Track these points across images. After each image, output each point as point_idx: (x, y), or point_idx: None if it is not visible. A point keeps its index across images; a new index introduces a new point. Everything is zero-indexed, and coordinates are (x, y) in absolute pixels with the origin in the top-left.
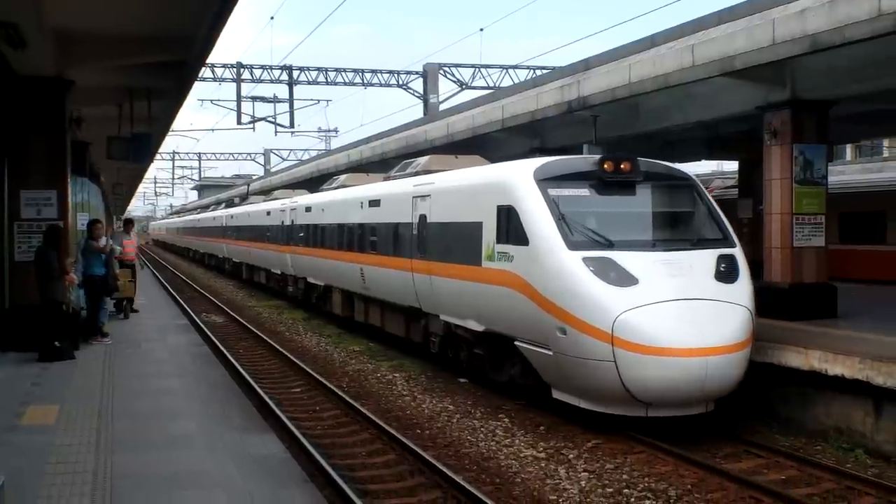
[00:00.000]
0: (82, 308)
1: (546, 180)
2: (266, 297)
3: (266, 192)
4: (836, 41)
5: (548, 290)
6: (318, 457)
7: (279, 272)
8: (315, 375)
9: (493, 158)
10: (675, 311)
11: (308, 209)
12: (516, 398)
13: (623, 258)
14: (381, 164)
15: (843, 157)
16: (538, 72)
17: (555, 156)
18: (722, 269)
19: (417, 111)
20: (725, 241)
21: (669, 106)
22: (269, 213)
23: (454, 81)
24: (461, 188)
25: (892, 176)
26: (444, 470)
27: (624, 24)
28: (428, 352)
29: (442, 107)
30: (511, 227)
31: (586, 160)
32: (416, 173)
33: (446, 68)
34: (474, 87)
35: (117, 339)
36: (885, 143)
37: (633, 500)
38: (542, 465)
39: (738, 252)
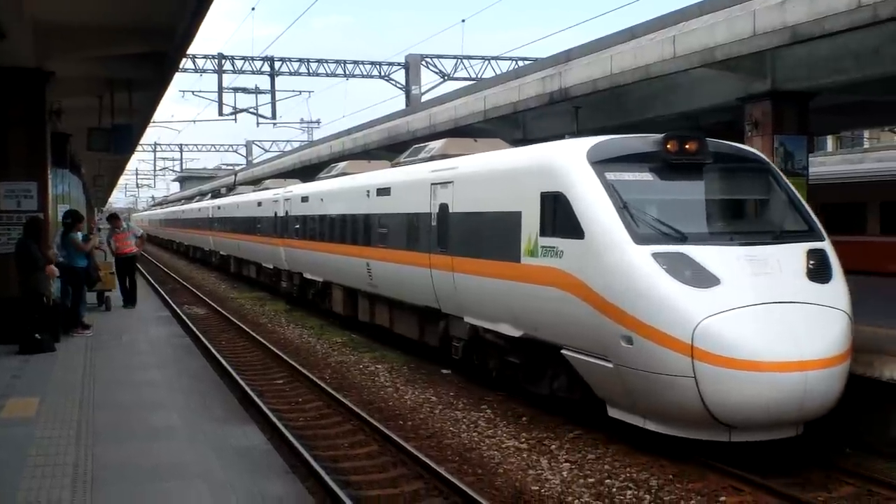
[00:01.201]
0: (62, 300)
1: (601, 163)
2: (248, 289)
3: (255, 182)
4: (815, 32)
5: (609, 292)
6: (300, 448)
7: (271, 266)
8: (297, 367)
9: None
10: (766, 317)
11: (305, 199)
12: (499, 390)
13: (700, 253)
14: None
15: (825, 148)
16: (520, 63)
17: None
18: (812, 266)
19: (399, 102)
20: (812, 234)
21: (651, 97)
22: (260, 204)
23: (436, 72)
24: (493, 173)
25: (872, 167)
26: (427, 461)
27: (606, 15)
28: (447, 358)
29: (424, 98)
30: (560, 217)
31: (645, 140)
32: (431, 158)
33: (428, 59)
34: (456, 78)
35: (98, 332)
36: (866, 134)
37: (614, 490)
38: (525, 455)
39: (827, 246)
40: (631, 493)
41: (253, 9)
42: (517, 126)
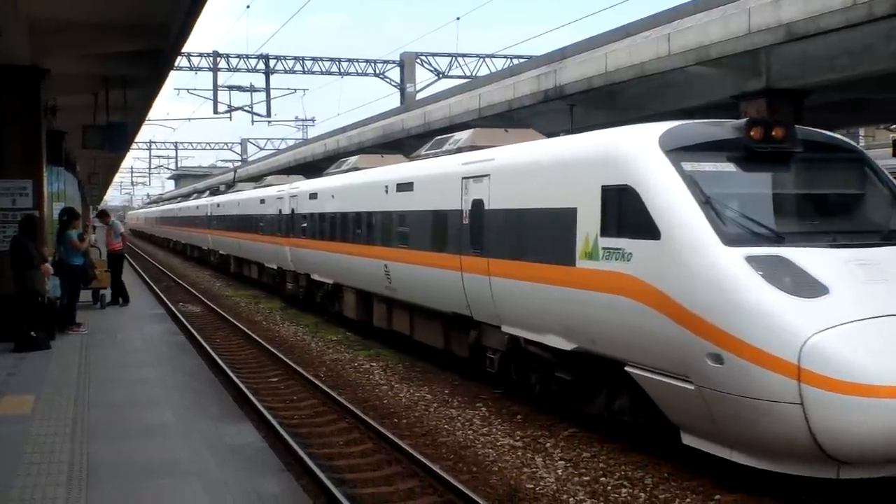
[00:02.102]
0: (57, 298)
1: (677, 151)
2: (243, 287)
3: (256, 179)
4: (810, 30)
5: (692, 302)
6: (294, 446)
7: (275, 267)
8: (292, 365)
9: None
10: (886, 333)
11: (313, 196)
12: (494, 387)
13: (801, 257)
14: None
15: None
16: (515, 61)
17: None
18: None
19: (394, 100)
20: None
21: (646, 95)
22: (263, 201)
23: (431, 70)
24: (540, 165)
25: None
26: (422, 459)
27: (600, 13)
28: (476, 369)
29: (419, 96)
30: (628, 214)
31: (723, 126)
32: (458, 150)
33: (423, 57)
34: (451, 76)
35: (93, 329)
36: (861, 132)
37: (609, 488)
38: (520, 453)
39: None
40: (626, 491)
41: (248, 6)
42: (512, 124)
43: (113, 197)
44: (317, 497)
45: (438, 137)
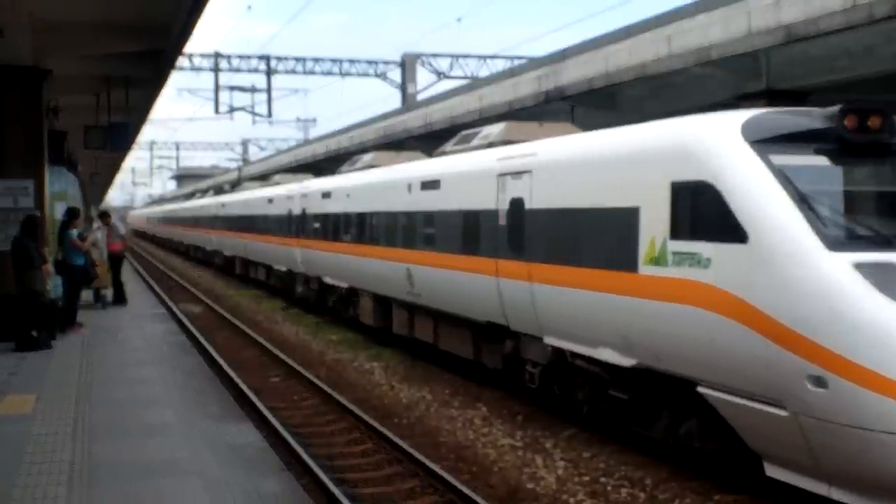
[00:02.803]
0: (59, 298)
1: (763, 143)
2: (244, 287)
3: (262, 178)
4: (811, 32)
5: (790, 315)
6: (295, 446)
7: (284, 269)
8: (293, 365)
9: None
10: None
11: (326, 195)
12: (495, 387)
13: None
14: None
15: None
16: (516, 62)
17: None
18: None
19: (395, 101)
20: None
21: (646, 96)
22: (271, 201)
23: (432, 71)
24: (593, 159)
25: None
26: (422, 459)
27: (602, 14)
28: (511, 382)
29: (420, 97)
30: (705, 214)
31: (812, 114)
32: (490, 145)
33: (424, 58)
34: (452, 77)
35: (94, 329)
36: None
37: (609, 488)
38: (520, 453)
39: None
40: (626, 492)
41: (249, 7)
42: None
43: (114, 197)
44: (317, 497)
45: (464, 132)
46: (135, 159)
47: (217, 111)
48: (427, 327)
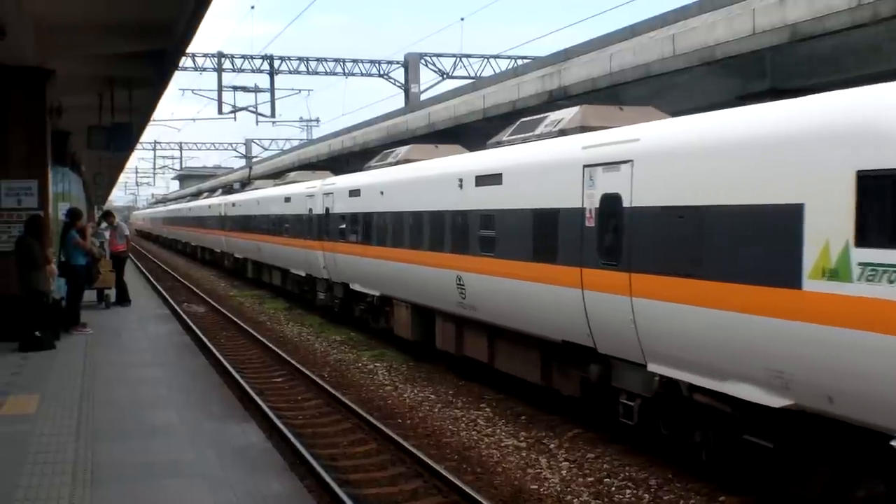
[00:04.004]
0: (62, 298)
1: None
2: (247, 288)
3: (276, 176)
4: (816, 31)
5: None
6: (299, 446)
7: (303, 274)
8: (297, 365)
9: (474, 148)
10: None
11: (354, 192)
12: (498, 388)
13: None
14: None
15: None
16: (519, 61)
17: None
18: None
19: (399, 101)
20: None
21: (650, 95)
22: (288, 199)
23: (435, 71)
24: (732, 143)
25: None
26: (426, 459)
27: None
28: (594, 415)
29: (423, 96)
30: None
31: None
32: (562, 132)
33: (427, 58)
34: (455, 77)
35: (98, 329)
36: None
37: (613, 489)
38: (524, 454)
39: None
40: (630, 493)
41: (252, 7)
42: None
43: (117, 197)
44: (321, 497)
45: (524, 120)
46: (138, 159)
47: (220, 111)
48: (480, 344)
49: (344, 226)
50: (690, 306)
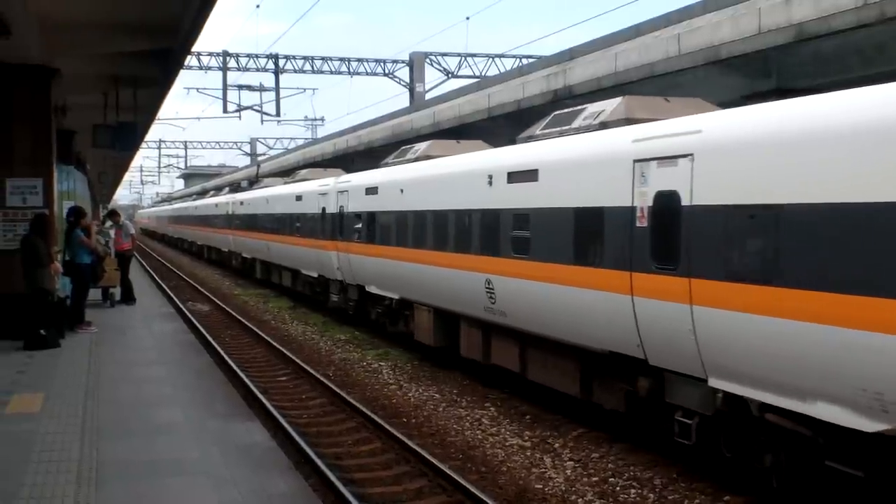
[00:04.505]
0: (67, 296)
1: None
2: (252, 286)
3: (285, 174)
4: (822, 30)
5: None
6: (303, 445)
7: (315, 275)
8: (301, 364)
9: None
10: None
11: (371, 190)
12: (502, 387)
13: None
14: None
15: None
16: (524, 61)
17: None
18: None
19: (403, 100)
20: None
21: (655, 95)
22: (300, 198)
23: (440, 70)
24: (823, 134)
25: None
26: (430, 458)
27: (610, 13)
28: (642, 433)
29: (428, 96)
30: None
31: None
32: (603, 125)
33: (432, 57)
34: (460, 76)
35: (103, 328)
36: None
37: (618, 488)
38: (528, 454)
39: None
40: (635, 492)
41: (258, 6)
42: (521, 124)
43: (122, 196)
44: (326, 496)
45: (558, 112)
46: (143, 158)
47: (225, 110)
48: (510, 352)
49: (360, 225)
50: (767, 317)
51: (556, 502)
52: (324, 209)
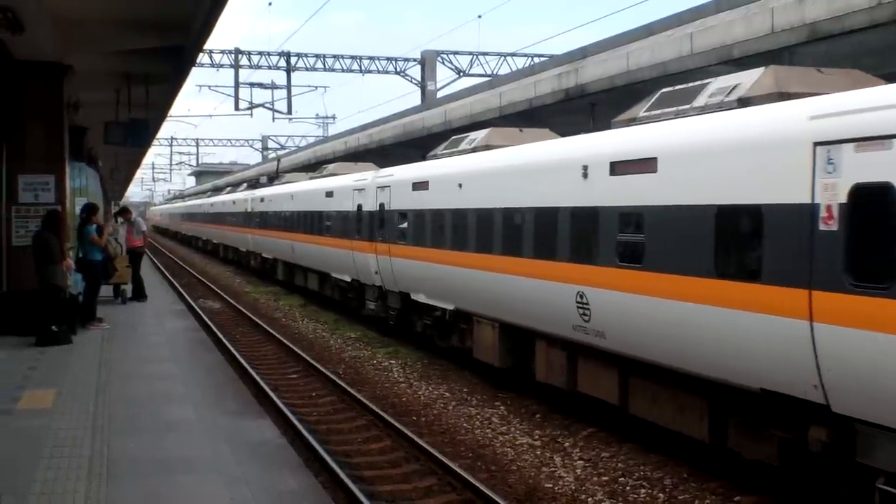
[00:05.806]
0: (79, 293)
1: None
2: (263, 284)
3: (308, 169)
4: (835, 30)
5: None
6: (313, 442)
7: (348, 279)
8: (311, 361)
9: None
10: None
11: (419, 185)
12: (512, 386)
13: None
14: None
15: None
16: (536, 59)
17: None
18: None
19: (415, 98)
20: None
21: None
22: (330, 194)
23: (452, 69)
24: None
25: None
26: (440, 457)
27: (622, 12)
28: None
29: (440, 94)
30: None
31: None
32: (741, 102)
33: (444, 55)
34: (472, 75)
35: (114, 325)
36: None
37: (628, 488)
38: (538, 453)
39: None
40: (645, 492)
41: (270, 4)
42: (532, 122)
43: (134, 193)
44: (336, 494)
45: (666, 90)
46: (155, 155)
47: (237, 108)
48: (606, 381)
49: (405, 225)
50: None
51: (566, 501)
52: (360, 206)
